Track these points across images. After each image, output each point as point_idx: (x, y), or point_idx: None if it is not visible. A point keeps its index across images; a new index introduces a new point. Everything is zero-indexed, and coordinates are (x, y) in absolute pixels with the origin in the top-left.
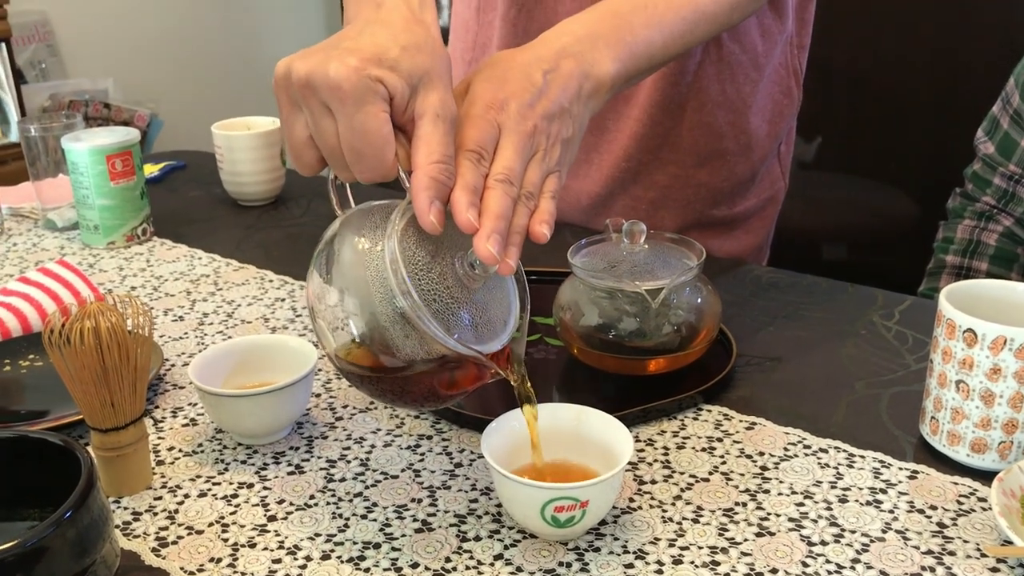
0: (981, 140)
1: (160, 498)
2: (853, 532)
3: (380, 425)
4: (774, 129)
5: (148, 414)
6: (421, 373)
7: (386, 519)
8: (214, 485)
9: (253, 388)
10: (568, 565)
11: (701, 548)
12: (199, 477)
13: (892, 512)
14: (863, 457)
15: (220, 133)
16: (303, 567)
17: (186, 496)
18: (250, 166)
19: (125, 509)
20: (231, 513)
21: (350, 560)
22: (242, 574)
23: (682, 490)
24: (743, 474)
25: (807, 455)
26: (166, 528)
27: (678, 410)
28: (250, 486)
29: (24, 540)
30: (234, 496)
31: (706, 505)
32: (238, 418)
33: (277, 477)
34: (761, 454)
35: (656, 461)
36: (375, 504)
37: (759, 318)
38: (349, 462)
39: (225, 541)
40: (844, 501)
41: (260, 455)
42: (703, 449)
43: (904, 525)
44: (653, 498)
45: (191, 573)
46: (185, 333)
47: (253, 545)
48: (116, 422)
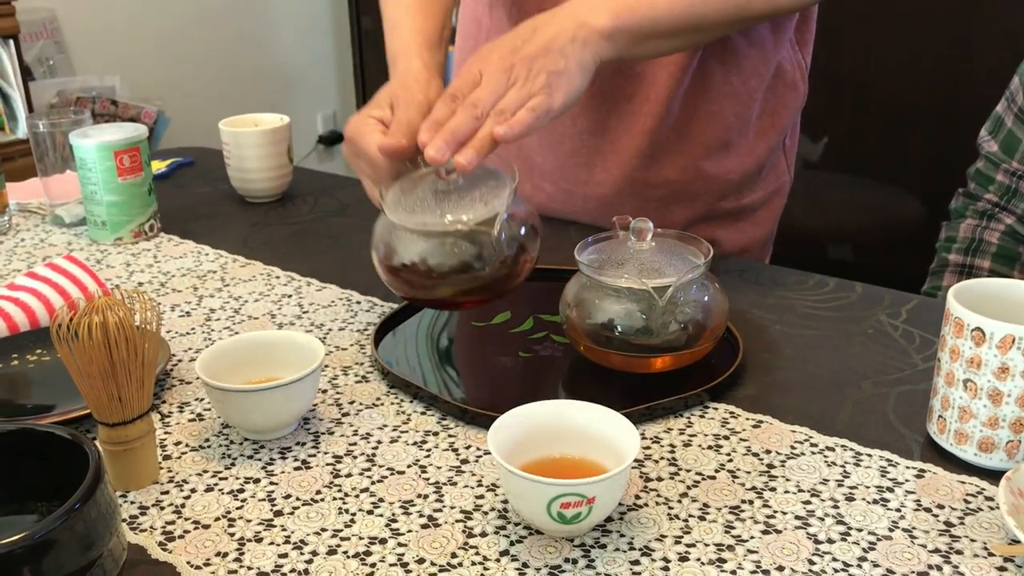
0: (984, 139)
1: (167, 492)
2: (860, 530)
3: (386, 421)
4: (779, 122)
5: (155, 409)
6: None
7: (392, 514)
8: (221, 480)
9: (260, 383)
10: (574, 561)
11: (707, 545)
12: (206, 472)
13: (899, 511)
14: (870, 456)
15: (228, 130)
16: (309, 562)
17: (193, 491)
18: (257, 163)
19: (132, 503)
20: (237, 508)
21: (356, 555)
22: (248, 568)
23: (688, 487)
24: (749, 472)
25: (814, 453)
26: (173, 522)
27: (684, 408)
28: (256, 481)
29: (32, 532)
30: (240, 491)
31: (712, 503)
32: (245, 413)
33: (284, 472)
34: (768, 452)
35: (662, 459)
36: (381, 499)
37: (766, 316)
38: (355, 458)
39: (232, 536)
40: (851, 499)
41: (267, 450)
42: (709, 447)
43: (911, 524)
44: (659, 495)
45: (197, 567)
46: (192, 329)
47: (259, 540)
48: (123, 416)
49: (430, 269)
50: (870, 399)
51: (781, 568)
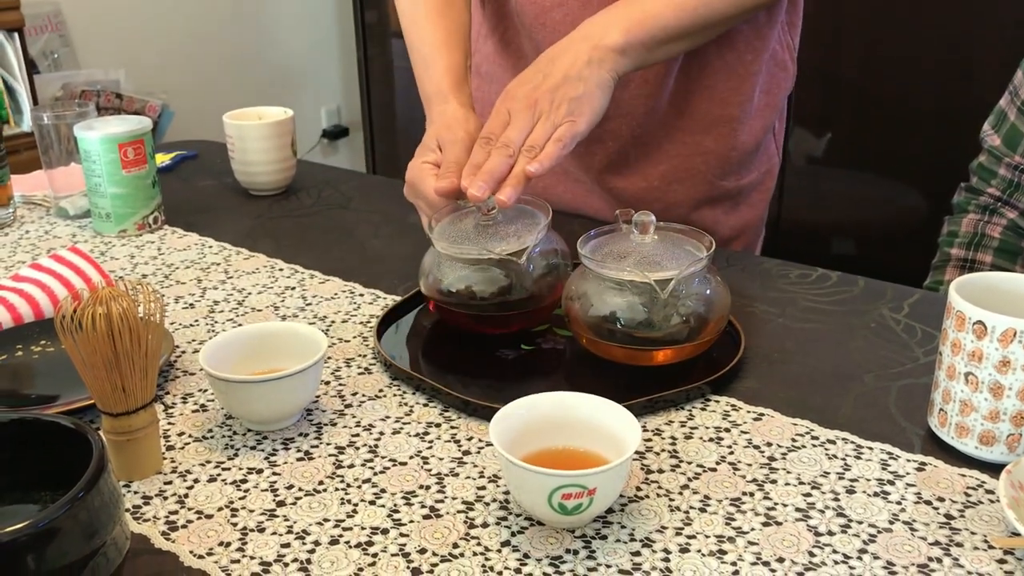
0: (987, 133)
1: (170, 483)
2: (860, 523)
3: (389, 413)
4: (772, 100)
5: (159, 400)
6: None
7: (394, 505)
8: (224, 470)
9: (263, 375)
10: (575, 552)
11: (708, 537)
12: (209, 462)
13: (899, 503)
14: (871, 449)
15: (232, 123)
16: (311, 552)
17: (196, 481)
18: (261, 156)
19: (135, 493)
20: (240, 498)
21: (358, 545)
22: (251, 558)
23: (689, 479)
24: (750, 464)
25: (815, 446)
26: (176, 512)
27: (686, 400)
28: (259, 471)
29: (36, 521)
30: (243, 481)
31: (713, 495)
32: (248, 404)
33: (286, 463)
34: (769, 445)
35: (663, 451)
36: (383, 490)
37: (768, 310)
38: (358, 449)
39: (234, 525)
40: (851, 492)
41: (270, 441)
42: (711, 439)
43: (911, 516)
44: (660, 487)
45: (200, 557)
46: (196, 320)
47: (262, 530)
48: (127, 407)
49: (471, 294)
50: (872, 392)
51: (781, 560)
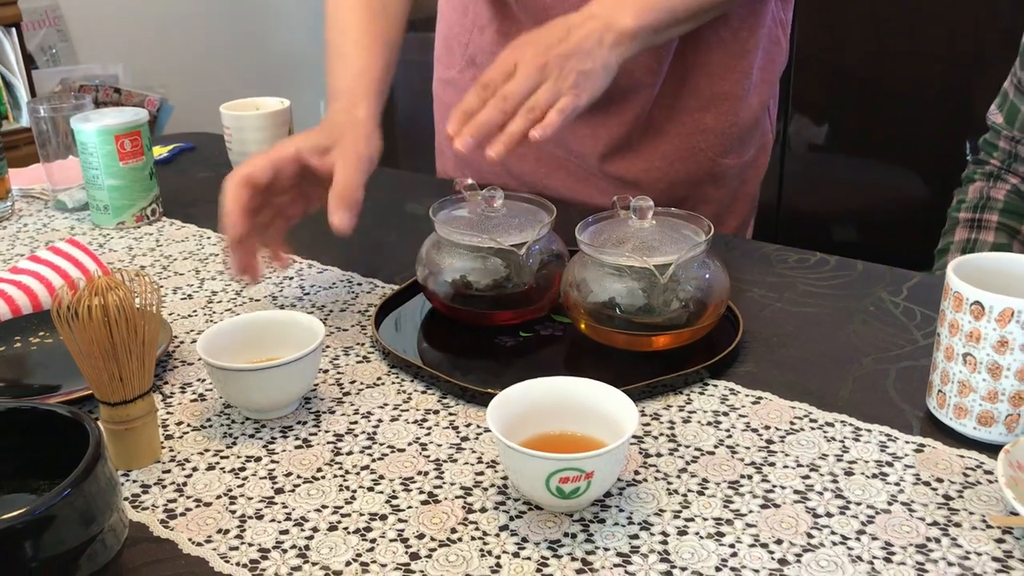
0: (992, 113)
1: (169, 471)
2: (859, 504)
3: (387, 400)
4: (769, 76)
5: (157, 390)
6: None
7: (392, 491)
8: (222, 459)
9: (261, 363)
10: (573, 536)
11: (706, 520)
12: (207, 451)
13: (898, 484)
14: (869, 431)
15: (229, 113)
16: (310, 538)
17: (194, 469)
18: (259, 146)
19: (134, 482)
20: (239, 486)
21: (356, 531)
22: (249, 545)
23: (687, 463)
24: (748, 447)
25: (813, 429)
26: (174, 500)
27: (684, 385)
28: (258, 459)
29: (32, 508)
30: (242, 469)
31: (711, 478)
32: (246, 392)
33: (285, 451)
34: (767, 428)
35: (662, 435)
36: (382, 477)
37: (767, 295)
38: (356, 436)
39: (233, 513)
40: (850, 474)
41: (268, 429)
42: (709, 423)
43: (910, 497)
44: (659, 471)
45: (199, 544)
46: (194, 311)
47: (260, 517)
48: (124, 396)
49: (468, 283)
50: (870, 375)
51: (780, 542)
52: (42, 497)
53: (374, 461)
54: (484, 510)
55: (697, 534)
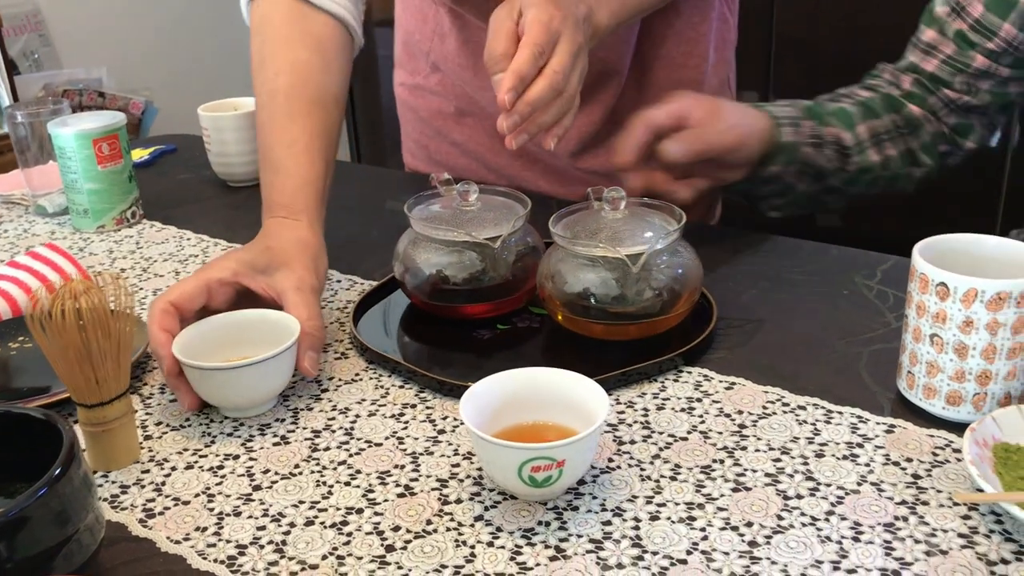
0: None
1: (148, 471)
2: (828, 485)
3: (365, 396)
4: (723, 55)
5: (136, 391)
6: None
7: (369, 485)
8: (201, 457)
9: (236, 361)
10: (547, 524)
11: (678, 504)
12: (186, 450)
13: (868, 465)
14: (841, 413)
15: (207, 115)
16: (287, 533)
17: (173, 469)
18: (237, 146)
19: (113, 483)
20: (217, 484)
21: (333, 525)
22: (227, 542)
23: (661, 449)
24: (721, 432)
25: (785, 412)
26: (153, 500)
27: (659, 372)
28: (236, 457)
29: (7, 510)
30: (220, 467)
31: (684, 463)
32: (222, 391)
33: (263, 448)
34: (740, 412)
35: (636, 422)
36: (359, 471)
37: (742, 281)
38: (334, 432)
39: (211, 511)
40: (820, 456)
41: (246, 427)
42: (682, 409)
43: (879, 477)
44: (632, 458)
45: (177, 542)
46: None
47: (238, 514)
48: (101, 398)
49: (444, 277)
50: (843, 358)
51: (750, 524)
52: (16, 499)
53: (351, 456)
54: (459, 501)
55: (669, 519)
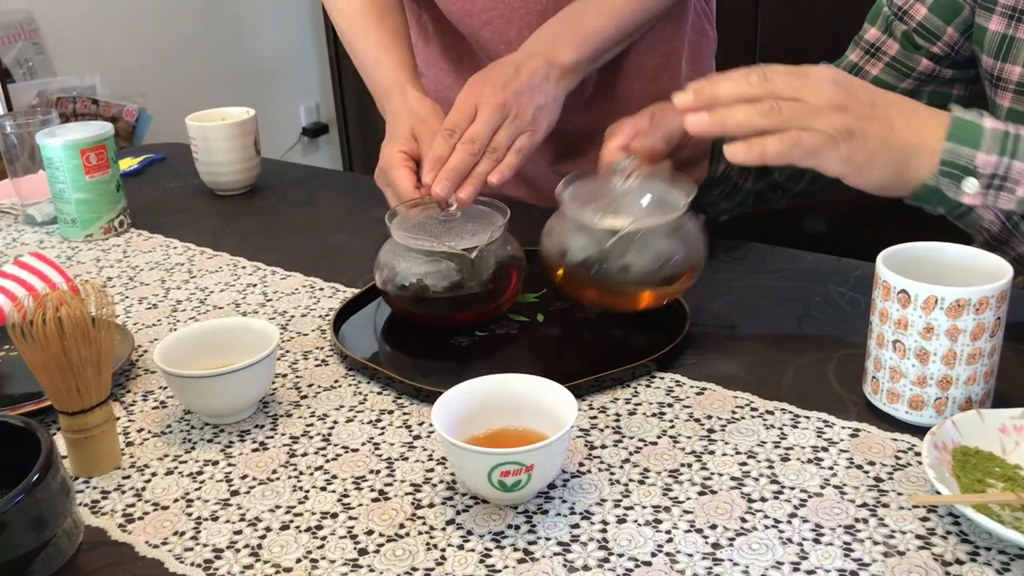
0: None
1: (128, 477)
2: (792, 488)
3: (343, 402)
4: (698, 68)
5: (119, 398)
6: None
7: (344, 490)
8: (181, 463)
9: (216, 369)
10: (516, 527)
11: (645, 508)
12: (167, 456)
13: (832, 469)
14: (808, 418)
15: (194, 124)
16: (263, 537)
17: (153, 475)
18: (225, 156)
19: (94, 489)
20: (196, 489)
21: (308, 530)
22: (204, 546)
23: (631, 454)
24: (690, 437)
25: (753, 417)
26: (133, 505)
27: (631, 378)
28: (215, 463)
29: None
30: (199, 473)
31: (652, 467)
32: (202, 398)
33: (242, 454)
34: (709, 417)
35: (607, 427)
36: (335, 476)
37: (717, 288)
38: (312, 438)
39: (189, 515)
40: (786, 460)
41: (226, 434)
42: (654, 415)
43: (842, 480)
44: (602, 462)
45: (155, 547)
46: (158, 320)
47: (216, 518)
48: (82, 405)
49: (424, 287)
50: (813, 364)
51: (714, 527)
52: None
53: (328, 462)
54: (432, 505)
55: (636, 522)
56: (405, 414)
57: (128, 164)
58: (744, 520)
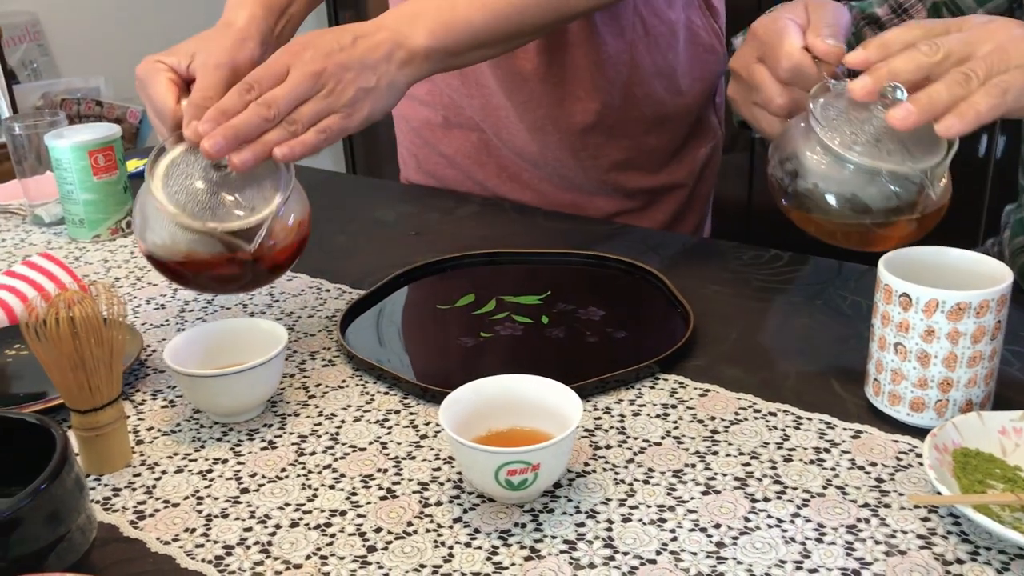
0: None
1: (139, 475)
2: (795, 489)
3: (351, 402)
4: (706, 86)
5: (128, 397)
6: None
7: (353, 488)
8: (190, 461)
9: (226, 368)
10: (523, 526)
11: (650, 507)
12: (176, 454)
13: (834, 469)
14: (810, 419)
15: None
16: (272, 534)
17: (164, 472)
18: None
19: (105, 486)
20: (206, 487)
21: (317, 527)
22: (215, 542)
23: (635, 454)
24: (694, 437)
25: (756, 418)
26: (144, 502)
27: (636, 380)
28: (224, 461)
29: (1, 511)
30: (209, 471)
31: (657, 467)
32: (212, 397)
33: (251, 453)
34: (712, 418)
35: (612, 428)
36: (343, 475)
37: (721, 290)
38: (320, 437)
39: (199, 512)
40: (789, 460)
41: (235, 433)
42: (657, 415)
43: (844, 481)
44: (607, 462)
45: (166, 543)
46: (166, 320)
47: (226, 516)
48: (94, 403)
49: (185, 255)
50: (815, 366)
51: (718, 526)
52: (10, 500)
53: (336, 460)
54: (439, 503)
55: (640, 521)
56: (412, 414)
57: (135, 165)
58: (747, 519)
